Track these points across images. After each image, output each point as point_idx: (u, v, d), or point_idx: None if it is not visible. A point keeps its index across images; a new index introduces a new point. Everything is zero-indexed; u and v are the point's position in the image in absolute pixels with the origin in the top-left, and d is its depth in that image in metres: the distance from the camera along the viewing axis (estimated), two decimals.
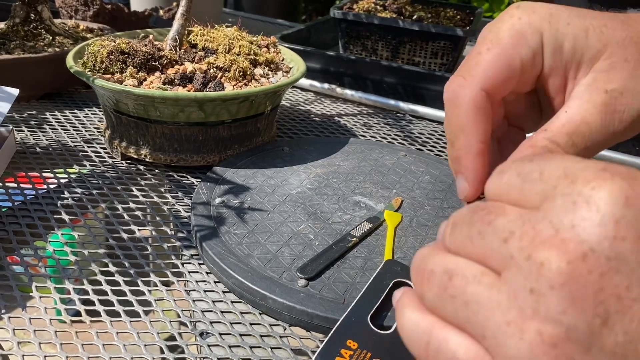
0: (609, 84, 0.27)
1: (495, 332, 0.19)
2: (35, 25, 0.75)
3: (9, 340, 0.35)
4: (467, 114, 0.28)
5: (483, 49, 0.28)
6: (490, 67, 0.28)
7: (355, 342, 0.32)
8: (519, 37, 0.28)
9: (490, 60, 0.28)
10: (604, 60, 0.28)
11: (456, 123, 0.28)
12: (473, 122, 0.28)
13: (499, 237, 0.20)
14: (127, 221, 0.48)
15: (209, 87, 0.54)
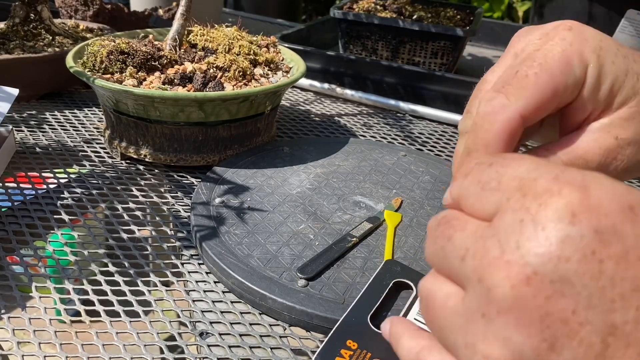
0: (622, 132, 0.28)
1: (459, 354, 0.20)
2: (35, 25, 0.75)
3: (8, 340, 0.35)
4: (497, 135, 0.27)
5: (531, 72, 0.27)
6: (537, 94, 0.27)
7: (355, 342, 0.32)
8: (567, 64, 0.27)
9: (538, 86, 0.27)
10: (628, 108, 0.28)
11: (483, 137, 0.27)
12: (500, 144, 0.27)
13: (457, 254, 0.20)
14: (127, 221, 0.48)
15: (209, 87, 0.54)
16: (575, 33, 0.28)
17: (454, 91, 0.76)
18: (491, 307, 0.18)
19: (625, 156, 0.28)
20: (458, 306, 0.20)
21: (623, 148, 0.28)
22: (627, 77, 0.28)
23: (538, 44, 0.28)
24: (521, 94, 0.27)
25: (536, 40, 0.29)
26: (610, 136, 0.28)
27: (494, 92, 0.27)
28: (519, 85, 0.27)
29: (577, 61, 0.27)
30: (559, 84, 0.27)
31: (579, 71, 0.27)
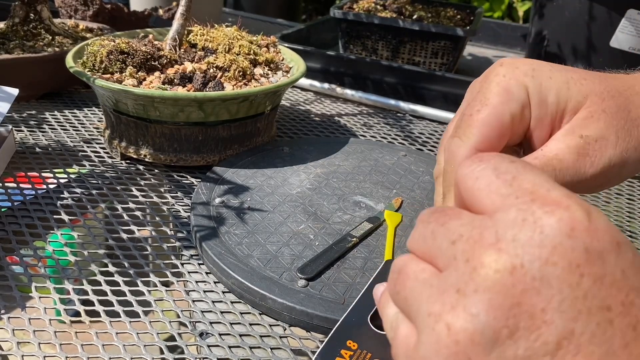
0: (584, 130, 0.29)
1: (420, 322, 0.21)
2: (34, 25, 0.75)
3: (8, 340, 0.35)
4: None
5: (474, 110, 0.30)
6: (483, 126, 0.29)
7: (355, 343, 0.32)
8: (506, 93, 0.29)
9: (481, 120, 0.29)
10: (584, 109, 0.30)
11: (451, 178, 0.30)
12: None
13: (449, 238, 0.21)
14: (127, 221, 0.48)
15: (209, 87, 0.54)
16: (506, 66, 0.30)
17: (454, 91, 0.76)
18: (469, 285, 0.20)
19: (596, 151, 0.29)
20: (431, 279, 0.22)
21: (591, 144, 0.29)
22: (569, 85, 0.30)
23: (479, 87, 0.31)
24: (470, 132, 0.30)
25: (477, 85, 0.32)
26: (575, 136, 0.30)
27: (450, 137, 0.31)
28: (466, 125, 0.30)
29: (515, 87, 0.29)
30: (502, 113, 0.29)
31: (519, 95, 0.29)
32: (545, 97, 0.30)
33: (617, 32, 0.76)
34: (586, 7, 0.78)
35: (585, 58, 0.81)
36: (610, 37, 0.77)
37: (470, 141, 0.29)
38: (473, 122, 0.30)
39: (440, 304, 0.20)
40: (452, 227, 0.22)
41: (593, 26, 0.79)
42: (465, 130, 0.30)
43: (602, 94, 0.30)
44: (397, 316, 0.24)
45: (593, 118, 0.29)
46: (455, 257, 0.21)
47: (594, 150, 0.29)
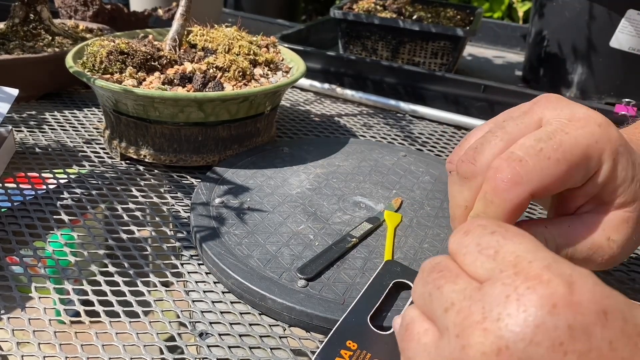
0: (614, 234, 0.30)
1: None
2: (34, 26, 0.75)
3: (8, 340, 0.35)
4: (508, 210, 0.28)
5: (554, 155, 0.28)
6: (552, 178, 0.28)
7: (355, 343, 0.32)
8: (587, 159, 0.28)
9: (555, 172, 0.28)
10: (625, 211, 0.30)
11: (493, 211, 0.29)
12: (508, 217, 0.28)
13: (442, 305, 0.23)
14: (127, 222, 0.48)
15: (209, 87, 0.54)
16: (602, 131, 0.29)
17: (454, 91, 0.76)
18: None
19: (609, 255, 0.30)
20: (430, 346, 0.23)
21: (611, 248, 0.30)
22: (632, 183, 0.30)
23: (567, 126, 0.29)
24: (537, 175, 0.27)
25: (565, 121, 0.29)
26: (603, 236, 0.30)
27: (509, 162, 0.28)
28: (538, 165, 0.27)
29: (596, 159, 0.29)
30: (572, 176, 0.28)
31: (593, 168, 0.29)
32: (608, 182, 0.29)
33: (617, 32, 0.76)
34: (586, 7, 0.78)
35: (585, 58, 0.81)
36: (610, 37, 0.77)
37: (533, 183, 0.28)
38: (547, 168, 0.28)
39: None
40: (446, 293, 0.23)
41: (593, 26, 0.79)
42: (533, 169, 0.28)
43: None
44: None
45: (628, 224, 0.30)
46: (448, 328, 0.22)
47: (608, 254, 0.30)
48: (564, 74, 0.84)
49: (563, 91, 0.85)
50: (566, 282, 0.20)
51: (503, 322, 0.20)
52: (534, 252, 0.22)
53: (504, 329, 0.20)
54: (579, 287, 0.20)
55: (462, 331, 0.21)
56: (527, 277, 0.20)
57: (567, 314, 0.19)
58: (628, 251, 0.31)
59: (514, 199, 0.28)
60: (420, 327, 0.24)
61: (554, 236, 0.30)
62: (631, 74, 0.79)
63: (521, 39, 1.14)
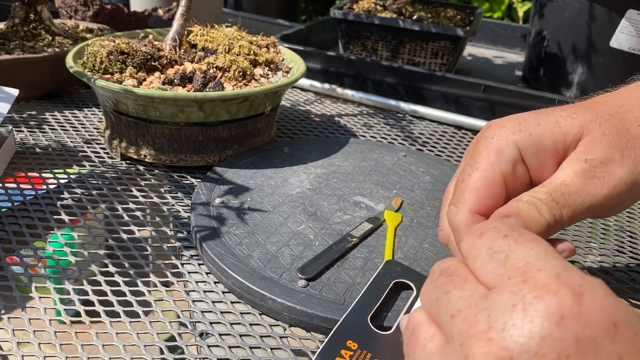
0: (588, 154, 0.30)
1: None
2: (34, 26, 0.75)
3: (8, 340, 0.35)
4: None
5: (465, 175, 0.31)
6: (474, 191, 0.30)
7: (355, 343, 0.32)
8: (495, 155, 0.30)
9: (472, 185, 0.30)
10: (584, 138, 0.30)
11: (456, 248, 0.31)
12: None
13: (449, 311, 0.22)
14: (127, 222, 0.48)
15: (209, 87, 0.54)
16: (494, 128, 0.31)
17: (454, 91, 0.76)
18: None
19: (604, 172, 0.29)
20: (435, 353, 0.23)
21: (597, 166, 0.29)
22: (559, 123, 0.30)
23: (471, 151, 0.32)
24: (463, 197, 0.31)
25: (471, 150, 0.33)
26: (579, 161, 0.30)
27: (449, 206, 0.32)
28: (459, 191, 0.31)
29: (505, 147, 0.30)
30: (492, 174, 0.30)
31: (510, 154, 0.30)
32: (540, 144, 0.30)
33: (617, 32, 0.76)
34: (586, 7, 0.78)
35: (585, 58, 0.81)
36: (610, 37, 0.77)
37: (464, 207, 0.30)
38: (465, 188, 0.31)
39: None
40: (453, 299, 0.22)
41: (593, 26, 0.79)
42: (459, 196, 0.31)
43: (597, 120, 0.30)
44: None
45: (594, 142, 0.30)
46: (453, 336, 0.21)
47: (601, 172, 0.29)
48: (564, 74, 0.84)
49: (563, 91, 0.85)
50: (575, 292, 0.19)
51: (508, 332, 0.19)
52: (544, 259, 0.21)
53: (509, 339, 0.19)
54: (589, 297, 0.19)
55: (467, 340, 0.20)
56: (535, 286, 0.20)
57: (575, 326, 0.19)
58: (633, 167, 0.30)
59: (462, 226, 0.30)
60: (427, 332, 0.24)
61: (538, 190, 0.30)
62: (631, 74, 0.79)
63: (521, 39, 1.14)
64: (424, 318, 0.25)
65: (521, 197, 0.30)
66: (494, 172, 0.30)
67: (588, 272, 0.46)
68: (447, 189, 0.35)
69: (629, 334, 0.19)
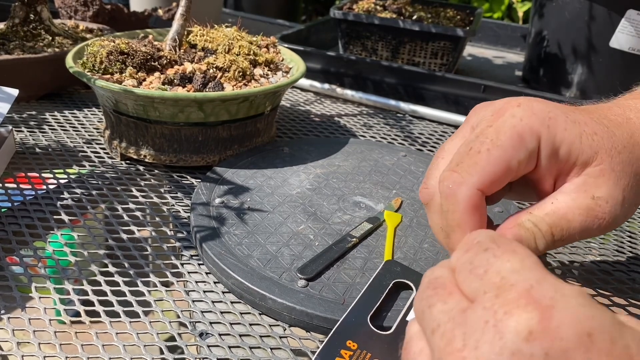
0: (596, 190, 0.29)
1: None
2: (34, 26, 0.75)
3: (8, 340, 0.35)
4: (464, 212, 0.29)
5: (484, 148, 0.29)
6: (489, 168, 0.29)
7: (355, 343, 0.32)
8: (518, 139, 0.29)
9: (490, 161, 0.29)
10: (595, 166, 0.30)
11: (453, 219, 0.30)
12: (470, 219, 0.29)
13: (430, 325, 0.23)
14: (127, 222, 0.48)
15: (209, 87, 0.54)
16: (524, 108, 0.30)
17: (454, 91, 0.76)
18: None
19: (605, 213, 0.30)
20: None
21: (601, 206, 0.29)
22: (582, 139, 0.30)
23: (490, 120, 0.30)
24: (474, 169, 0.29)
25: (489, 117, 0.31)
26: (587, 196, 0.30)
27: (449, 171, 0.29)
28: (471, 161, 0.29)
29: (529, 135, 0.29)
30: (511, 158, 0.29)
31: (531, 144, 0.29)
32: (556, 150, 0.29)
33: (617, 32, 0.76)
34: (586, 7, 0.78)
35: (585, 58, 0.81)
36: (610, 37, 0.77)
37: (472, 180, 0.29)
38: (479, 161, 0.29)
39: None
40: (435, 313, 0.23)
41: (593, 26, 0.79)
42: (468, 167, 0.29)
43: (611, 151, 0.30)
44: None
45: (604, 177, 0.29)
46: (433, 350, 0.22)
47: (603, 213, 0.29)
48: (564, 74, 0.84)
49: (563, 91, 0.85)
50: (545, 306, 0.19)
51: (480, 350, 0.19)
52: (518, 273, 0.21)
53: (481, 357, 0.19)
54: (559, 310, 0.19)
55: (443, 357, 0.21)
56: (506, 301, 0.20)
57: (543, 341, 0.18)
58: (628, 205, 0.30)
59: (463, 199, 0.29)
60: (416, 346, 0.24)
61: (541, 219, 0.30)
62: (631, 74, 0.79)
63: (521, 39, 1.14)
64: (416, 330, 0.25)
65: (523, 221, 0.30)
66: (513, 156, 0.29)
67: (585, 273, 0.46)
68: (443, 146, 0.33)
69: (605, 343, 0.18)
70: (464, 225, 0.29)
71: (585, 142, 0.30)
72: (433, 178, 0.32)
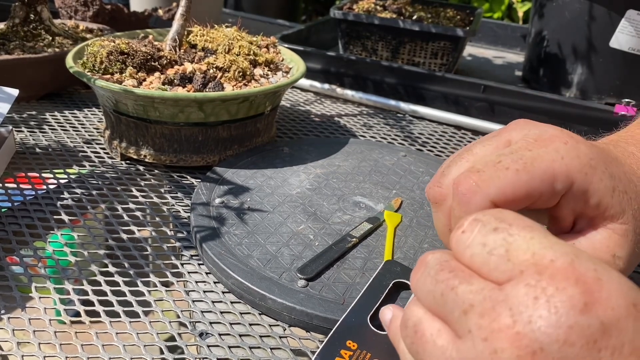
0: (618, 250, 0.30)
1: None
2: (34, 26, 0.75)
3: (8, 340, 0.35)
4: None
5: (513, 166, 0.28)
6: (510, 187, 0.28)
7: (355, 343, 0.32)
8: (551, 176, 0.28)
9: (513, 181, 0.28)
10: (621, 224, 0.30)
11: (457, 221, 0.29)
12: None
13: (460, 307, 0.22)
14: (127, 222, 0.48)
15: (209, 87, 0.54)
16: (569, 148, 0.29)
17: (454, 91, 0.76)
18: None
19: (620, 271, 0.30)
20: (449, 349, 0.22)
21: (618, 265, 0.30)
22: (614, 194, 0.29)
23: (532, 145, 0.29)
24: (494, 182, 0.27)
25: (531, 140, 0.30)
26: (608, 252, 0.30)
27: (467, 176, 0.28)
28: (495, 174, 0.28)
29: (562, 177, 0.28)
30: (534, 189, 0.28)
31: (561, 185, 0.28)
32: (588, 198, 0.29)
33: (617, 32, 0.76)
34: (586, 8, 0.78)
35: (585, 58, 0.81)
36: (610, 37, 0.77)
37: (489, 192, 0.27)
38: (504, 177, 0.28)
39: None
40: (462, 294, 0.22)
41: (593, 26, 0.79)
42: (491, 177, 0.28)
43: (636, 213, 0.30)
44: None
45: (627, 239, 0.30)
46: (471, 331, 0.21)
47: (617, 266, 0.30)
48: (563, 74, 0.84)
49: (563, 91, 0.85)
50: (594, 279, 0.20)
51: (536, 324, 0.20)
52: (550, 248, 0.21)
53: (537, 331, 0.20)
54: (606, 282, 0.20)
55: (491, 334, 0.20)
56: (553, 277, 0.20)
57: (598, 311, 0.19)
58: (632, 265, 0.31)
59: (476, 208, 0.28)
60: (432, 327, 0.23)
61: None
62: (631, 74, 0.79)
63: (521, 39, 1.14)
64: (423, 312, 0.24)
65: None
66: (538, 188, 0.28)
67: None
68: (470, 148, 0.32)
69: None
70: None
71: (617, 198, 0.29)
72: (449, 177, 0.31)
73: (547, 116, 0.71)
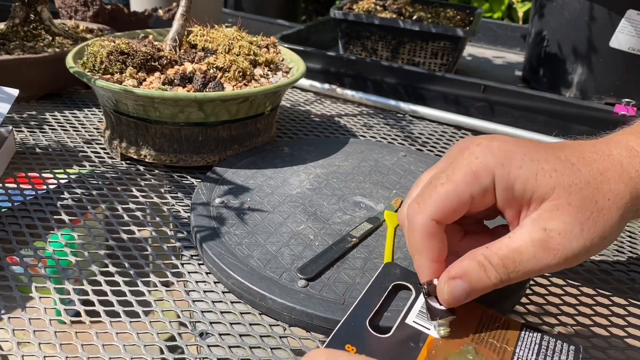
0: (549, 223, 0.31)
1: None
2: (35, 26, 0.75)
3: (8, 340, 0.35)
4: (420, 239, 0.32)
5: (439, 182, 0.32)
6: (442, 200, 0.32)
7: (354, 347, 0.32)
8: (472, 176, 0.32)
9: (442, 194, 0.32)
10: (550, 201, 0.31)
11: (411, 245, 0.33)
12: (426, 246, 0.32)
13: None
14: (127, 222, 0.48)
15: (209, 87, 0.54)
16: (482, 147, 0.32)
17: (454, 91, 0.76)
18: None
19: (559, 244, 0.30)
20: None
21: (554, 237, 0.30)
22: (537, 176, 0.31)
23: (451, 158, 0.33)
24: (429, 202, 0.32)
25: (452, 155, 0.34)
26: (539, 228, 0.31)
27: (412, 201, 0.33)
28: (428, 194, 0.32)
29: (483, 172, 0.31)
30: (463, 193, 0.31)
31: (485, 181, 0.31)
32: (511, 186, 0.31)
33: (617, 32, 0.76)
34: (586, 8, 0.78)
35: (585, 58, 0.81)
36: (610, 37, 0.77)
37: (427, 210, 0.32)
38: (434, 194, 0.32)
39: None
40: None
41: (593, 26, 0.79)
42: (425, 199, 0.32)
43: (570, 187, 0.31)
44: None
45: (558, 211, 0.30)
46: None
47: (556, 244, 0.30)
48: (563, 74, 0.84)
49: (563, 91, 0.85)
50: None
51: None
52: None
53: None
54: None
55: None
56: None
57: None
58: (591, 239, 0.31)
59: (419, 227, 0.32)
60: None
61: (494, 252, 0.31)
62: (631, 74, 0.79)
63: (521, 39, 1.14)
64: None
65: (476, 255, 0.32)
66: (465, 191, 0.31)
67: (585, 272, 0.46)
68: (422, 177, 0.36)
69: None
70: (422, 250, 0.32)
71: (542, 179, 0.31)
72: (405, 205, 0.35)
73: (547, 116, 0.71)
